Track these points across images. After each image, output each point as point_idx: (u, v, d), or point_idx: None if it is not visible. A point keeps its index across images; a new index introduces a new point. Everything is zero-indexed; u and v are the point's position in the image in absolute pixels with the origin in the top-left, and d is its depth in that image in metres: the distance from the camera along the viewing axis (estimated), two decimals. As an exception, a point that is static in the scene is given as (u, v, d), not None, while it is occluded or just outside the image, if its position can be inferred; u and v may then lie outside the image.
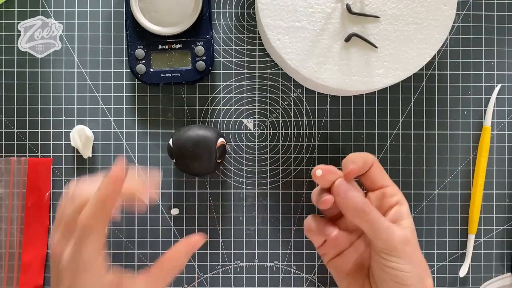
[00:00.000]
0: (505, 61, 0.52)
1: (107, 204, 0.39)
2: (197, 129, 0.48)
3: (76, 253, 0.39)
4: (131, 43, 0.50)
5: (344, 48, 0.46)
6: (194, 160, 0.47)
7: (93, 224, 0.38)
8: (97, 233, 0.39)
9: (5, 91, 0.52)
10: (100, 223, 0.39)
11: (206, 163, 0.47)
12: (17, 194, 0.51)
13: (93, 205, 0.39)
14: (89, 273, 0.39)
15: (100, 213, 0.38)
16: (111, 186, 0.39)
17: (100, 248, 0.39)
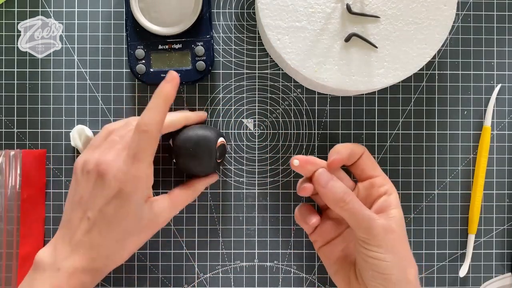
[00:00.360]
0: (505, 61, 0.52)
1: (168, 100, 0.43)
2: (197, 129, 0.48)
3: (131, 160, 0.42)
4: (131, 43, 0.50)
5: (344, 48, 0.46)
6: (194, 160, 0.47)
7: (152, 129, 0.42)
8: (154, 139, 0.42)
9: (5, 91, 0.52)
10: (159, 124, 0.42)
11: (206, 163, 0.47)
12: (14, 192, 0.51)
13: (153, 103, 0.43)
14: (140, 183, 0.42)
15: (160, 111, 0.42)
16: (169, 84, 0.43)
17: (151, 159, 0.43)
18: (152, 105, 0.42)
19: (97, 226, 0.42)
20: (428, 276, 0.52)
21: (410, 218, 0.52)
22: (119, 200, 0.42)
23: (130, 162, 0.42)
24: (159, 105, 0.42)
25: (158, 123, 0.42)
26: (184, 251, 0.52)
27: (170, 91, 0.43)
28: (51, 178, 0.52)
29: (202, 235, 0.52)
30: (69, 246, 0.42)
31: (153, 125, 0.42)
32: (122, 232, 0.43)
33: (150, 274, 0.52)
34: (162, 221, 0.45)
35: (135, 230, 0.43)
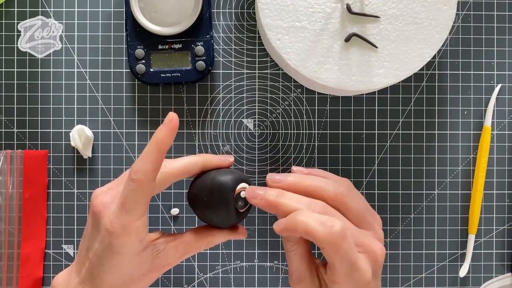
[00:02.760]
0: (505, 61, 0.52)
1: (161, 147, 0.39)
2: (214, 174, 0.42)
3: (119, 210, 0.39)
4: (131, 43, 0.50)
5: (344, 48, 0.46)
6: (210, 211, 0.42)
7: (142, 178, 0.38)
8: (144, 190, 0.39)
9: (5, 91, 0.52)
10: (149, 173, 0.38)
11: (224, 214, 0.41)
12: (15, 193, 0.51)
13: (146, 150, 0.39)
14: (129, 235, 0.39)
15: (153, 159, 0.38)
16: (165, 128, 0.39)
17: (142, 210, 0.39)
18: (144, 153, 0.39)
19: (96, 269, 0.40)
20: (428, 276, 0.52)
21: (410, 218, 0.52)
22: (110, 248, 0.39)
23: (118, 212, 0.39)
24: (152, 152, 0.38)
25: (149, 172, 0.38)
26: (184, 251, 0.52)
27: (164, 137, 0.39)
28: (51, 178, 0.52)
29: (202, 235, 0.52)
30: (78, 277, 0.42)
31: (143, 174, 0.38)
32: (122, 275, 0.40)
33: (150, 274, 0.52)
34: (167, 267, 0.42)
35: (135, 277, 0.41)
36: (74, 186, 0.52)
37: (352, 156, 0.52)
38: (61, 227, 0.52)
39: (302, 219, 0.38)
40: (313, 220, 0.38)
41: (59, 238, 0.51)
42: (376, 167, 0.52)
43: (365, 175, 0.52)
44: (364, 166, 0.52)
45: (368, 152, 0.52)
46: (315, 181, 0.41)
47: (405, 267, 0.52)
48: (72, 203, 0.52)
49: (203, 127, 0.52)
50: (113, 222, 0.39)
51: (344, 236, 0.38)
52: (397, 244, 0.52)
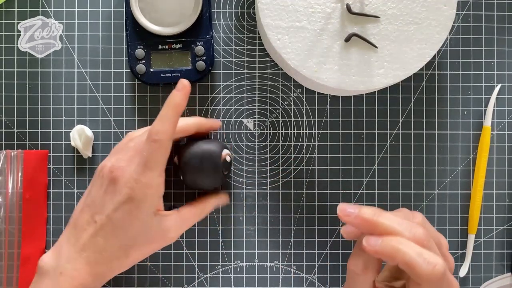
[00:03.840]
0: (505, 61, 0.52)
1: (178, 109, 0.43)
2: (201, 144, 0.48)
3: (142, 168, 0.42)
4: (131, 43, 0.50)
5: (344, 48, 0.46)
6: (201, 175, 0.47)
7: (163, 138, 0.42)
8: (165, 149, 0.43)
9: (5, 91, 0.52)
10: (169, 133, 0.42)
11: (213, 177, 0.48)
12: (15, 193, 0.51)
13: (163, 113, 0.43)
14: (150, 191, 0.43)
15: (171, 121, 0.43)
16: (180, 93, 0.43)
17: (162, 168, 0.43)
18: (162, 115, 0.43)
19: (103, 231, 0.42)
20: (428, 276, 0.52)
21: (410, 218, 0.52)
22: (128, 207, 0.42)
23: (141, 170, 0.42)
24: (170, 114, 0.43)
25: (169, 133, 0.43)
26: (184, 251, 0.52)
27: (180, 100, 0.43)
28: (51, 178, 0.52)
29: (202, 235, 0.52)
30: (73, 248, 0.43)
31: (163, 134, 0.42)
32: (128, 239, 0.43)
33: (150, 274, 0.52)
34: (170, 236, 0.45)
35: (141, 239, 0.43)
36: (74, 186, 0.52)
37: (352, 156, 0.52)
38: (61, 227, 0.52)
39: (404, 250, 0.36)
40: (416, 253, 0.36)
41: (59, 238, 0.51)
42: (376, 167, 0.52)
43: (365, 175, 0.52)
44: (364, 166, 0.52)
45: (368, 152, 0.52)
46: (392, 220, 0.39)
47: (405, 267, 0.52)
48: (72, 203, 0.52)
49: (203, 127, 0.52)
50: (137, 179, 0.42)
51: (444, 276, 0.37)
52: (397, 244, 0.52)
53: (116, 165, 0.43)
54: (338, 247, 0.52)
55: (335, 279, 0.52)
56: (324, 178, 0.52)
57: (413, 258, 0.36)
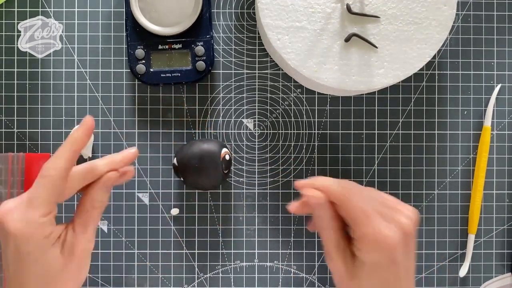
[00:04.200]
0: (505, 61, 0.52)
1: (75, 146, 0.40)
2: (200, 144, 0.48)
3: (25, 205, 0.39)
4: (131, 43, 0.50)
5: (344, 48, 0.46)
6: (201, 175, 0.48)
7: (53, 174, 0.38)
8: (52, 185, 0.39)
9: (5, 91, 0.52)
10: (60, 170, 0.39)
11: (214, 176, 0.48)
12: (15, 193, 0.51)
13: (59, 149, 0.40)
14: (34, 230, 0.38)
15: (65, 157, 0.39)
16: (80, 129, 0.40)
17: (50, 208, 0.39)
18: (58, 151, 0.40)
19: (14, 282, 0.40)
20: (428, 276, 0.52)
21: (410, 218, 0.52)
22: (19, 253, 0.39)
23: (23, 207, 0.39)
24: (65, 151, 0.40)
25: (60, 169, 0.39)
26: (184, 251, 0.52)
27: (79, 136, 0.40)
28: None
29: (202, 235, 0.52)
30: None
31: (53, 170, 0.39)
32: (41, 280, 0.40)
33: (150, 274, 0.52)
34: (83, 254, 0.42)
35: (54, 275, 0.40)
36: (74, 186, 0.52)
37: (352, 156, 0.52)
38: (61, 227, 0.52)
39: (319, 178, 0.42)
40: (327, 179, 0.42)
41: (59, 238, 0.51)
42: (376, 167, 0.52)
43: (365, 175, 0.52)
44: (364, 166, 0.52)
45: (368, 152, 0.52)
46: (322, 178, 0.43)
47: (405, 267, 0.52)
48: (72, 203, 0.52)
49: (203, 127, 0.52)
50: (18, 219, 0.38)
51: (355, 193, 0.41)
52: (397, 244, 0.52)
53: (4, 207, 0.40)
54: (338, 247, 0.52)
55: (335, 279, 0.52)
56: (324, 178, 0.52)
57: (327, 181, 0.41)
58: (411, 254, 0.42)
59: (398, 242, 0.40)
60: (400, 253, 0.40)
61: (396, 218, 0.41)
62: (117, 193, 0.52)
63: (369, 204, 0.41)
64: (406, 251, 0.41)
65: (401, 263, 0.41)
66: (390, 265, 0.40)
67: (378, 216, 0.40)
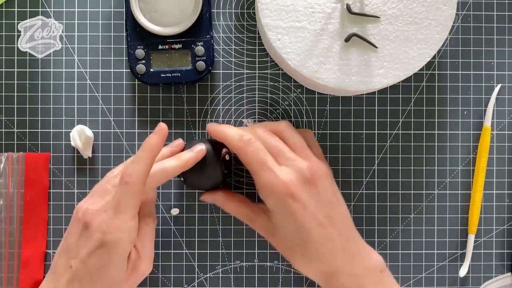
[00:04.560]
0: (505, 61, 0.52)
1: (153, 152, 0.42)
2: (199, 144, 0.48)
3: (113, 211, 0.41)
4: (131, 43, 0.50)
5: (344, 48, 0.46)
6: (202, 176, 0.47)
7: (135, 180, 0.41)
8: (136, 191, 0.41)
9: (5, 91, 0.52)
10: (142, 175, 0.41)
11: (215, 176, 0.48)
12: (16, 193, 0.51)
13: (138, 154, 0.42)
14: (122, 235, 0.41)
15: (144, 163, 0.42)
16: (156, 136, 0.43)
17: (135, 212, 0.42)
18: (136, 157, 0.42)
19: (79, 277, 0.42)
20: (428, 276, 0.52)
21: (410, 218, 0.52)
22: (100, 252, 0.41)
23: (112, 213, 0.41)
24: (144, 157, 0.42)
25: (142, 175, 0.41)
26: (184, 251, 0.52)
27: (156, 143, 0.42)
28: (51, 178, 0.52)
29: (202, 235, 0.52)
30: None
31: (135, 177, 0.41)
32: (103, 284, 0.42)
33: (150, 274, 0.52)
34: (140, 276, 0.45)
35: (118, 283, 0.43)
36: (74, 186, 0.52)
37: (352, 156, 0.52)
38: (62, 227, 0.52)
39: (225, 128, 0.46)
40: (232, 129, 0.46)
41: (60, 238, 0.51)
42: (376, 167, 0.52)
43: (365, 175, 0.52)
44: (364, 166, 0.52)
45: (368, 152, 0.52)
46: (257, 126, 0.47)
47: (405, 267, 0.52)
48: (72, 203, 0.52)
49: (203, 127, 0.52)
50: (108, 223, 0.41)
51: (252, 143, 0.44)
52: (397, 244, 0.52)
53: (89, 208, 0.43)
54: (338, 247, 0.52)
55: (335, 279, 0.52)
56: (324, 178, 0.52)
57: (229, 132, 0.45)
58: (323, 197, 0.44)
59: (293, 183, 0.43)
60: (300, 192, 0.43)
61: (291, 163, 0.44)
62: (117, 193, 0.52)
63: (267, 153, 0.44)
64: (313, 193, 0.44)
65: (310, 204, 0.43)
66: (295, 206, 0.43)
67: (273, 164, 0.44)
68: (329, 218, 0.44)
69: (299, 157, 0.45)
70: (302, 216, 0.43)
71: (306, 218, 0.43)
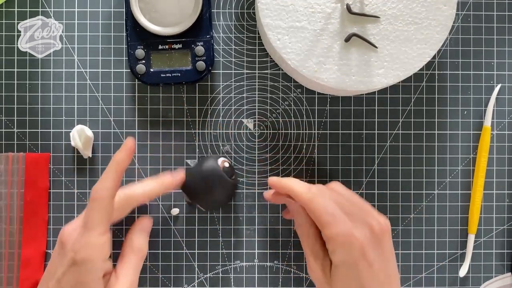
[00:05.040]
0: (505, 61, 0.52)
1: (119, 167, 0.42)
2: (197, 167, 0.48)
3: (83, 228, 0.41)
4: (131, 43, 0.50)
5: (344, 48, 0.46)
6: (214, 195, 0.47)
7: (103, 195, 0.41)
8: (104, 207, 0.41)
9: (5, 91, 0.52)
10: (108, 190, 0.41)
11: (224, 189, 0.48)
12: (16, 193, 0.51)
13: (105, 171, 0.42)
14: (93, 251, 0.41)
15: (111, 179, 0.42)
16: (122, 153, 0.43)
17: (104, 227, 0.41)
18: (103, 174, 0.42)
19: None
20: (428, 276, 0.52)
21: (410, 218, 0.52)
22: (73, 270, 0.41)
23: (82, 231, 0.41)
24: (110, 172, 0.42)
25: (108, 190, 0.41)
26: (184, 251, 0.52)
27: (122, 159, 0.43)
28: (51, 178, 0.52)
29: (202, 235, 0.52)
30: None
31: (101, 192, 0.41)
32: None
33: (150, 274, 0.52)
34: None
35: None
36: (74, 186, 0.52)
37: (352, 156, 0.52)
38: (62, 227, 0.52)
39: (289, 181, 0.45)
40: (297, 182, 0.44)
41: (59, 238, 0.51)
42: (376, 167, 0.52)
43: (365, 175, 0.52)
44: (364, 166, 0.52)
45: (368, 152, 0.52)
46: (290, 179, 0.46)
47: (405, 267, 0.52)
48: (73, 203, 0.52)
49: (203, 127, 0.52)
50: (78, 241, 0.41)
51: (320, 195, 0.43)
52: (397, 244, 0.52)
53: (65, 228, 0.43)
54: (338, 247, 0.52)
55: (335, 279, 0.52)
56: (324, 178, 0.52)
57: (293, 184, 0.44)
58: (386, 256, 0.43)
59: (366, 240, 0.42)
60: (370, 251, 0.41)
61: (364, 220, 0.42)
62: (117, 193, 0.52)
63: (336, 206, 0.43)
64: (379, 252, 0.42)
65: (375, 262, 0.42)
66: (362, 263, 0.41)
67: (345, 217, 0.42)
68: (388, 277, 0.43)
69: (371, 213, 0.43)
70: (367, 275, 0.42)
71: (370, 277, 0.42)
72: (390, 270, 0.43)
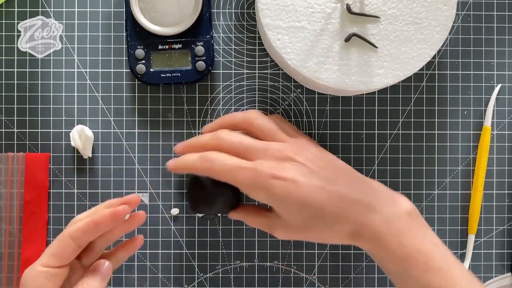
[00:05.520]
0: (505, 61, 0.52)
1: (99, 227, 0.41)
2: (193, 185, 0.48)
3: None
4: (131, 43, 0.50)
5: (344, 48, 0.46)
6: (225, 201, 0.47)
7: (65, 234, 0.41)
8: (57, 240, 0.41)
9: (5, 91, 0.52)
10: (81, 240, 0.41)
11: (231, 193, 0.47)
12: (16, 193, 0.51)
13: (84, 221, 0.41)
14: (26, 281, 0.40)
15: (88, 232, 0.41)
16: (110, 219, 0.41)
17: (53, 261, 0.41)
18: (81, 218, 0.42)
19: None
20: (428, 276, 0.52)
21: (410, 218, 0.52)
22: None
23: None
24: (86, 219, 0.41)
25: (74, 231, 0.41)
26: (184, 251, 0.52)
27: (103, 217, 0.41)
28: (51, 178, 0.52)
29: (202, 235, 0.52)
30: None
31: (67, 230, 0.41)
32: None
33: (150, 274, 0.52)
34: None
35: None
36: (74, 186, 0.52)
37: (352, 156, 0.52)
38: (62, 227, 0.52)
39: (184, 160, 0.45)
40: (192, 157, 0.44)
41: (59, 238, 0.51)
42: (376, 167, 0.52)
43: (365, 175, 0.52)
44: (364, 166, 0.52)
45: (368, 152, 0.52)
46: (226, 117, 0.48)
47: (405, 267, 0.52)
48: (72, 203, 0.52)
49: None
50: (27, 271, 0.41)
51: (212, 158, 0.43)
52: (397, 244, 0.52)
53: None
54: (338, 247, 0.52)
55: (335, 279, 0.52)
56: (324, 178, 0.52)
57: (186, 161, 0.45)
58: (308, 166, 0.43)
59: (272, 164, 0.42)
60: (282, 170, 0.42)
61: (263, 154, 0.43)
62: (118, 194, 0.52)
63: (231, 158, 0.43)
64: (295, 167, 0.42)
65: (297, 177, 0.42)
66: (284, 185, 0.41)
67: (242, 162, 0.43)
68: (328, 181, 0.42)
69: (271, 143, 0.44)
70: (297, 192, 0.41)
71: (302, 192, 0.41)
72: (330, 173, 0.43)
